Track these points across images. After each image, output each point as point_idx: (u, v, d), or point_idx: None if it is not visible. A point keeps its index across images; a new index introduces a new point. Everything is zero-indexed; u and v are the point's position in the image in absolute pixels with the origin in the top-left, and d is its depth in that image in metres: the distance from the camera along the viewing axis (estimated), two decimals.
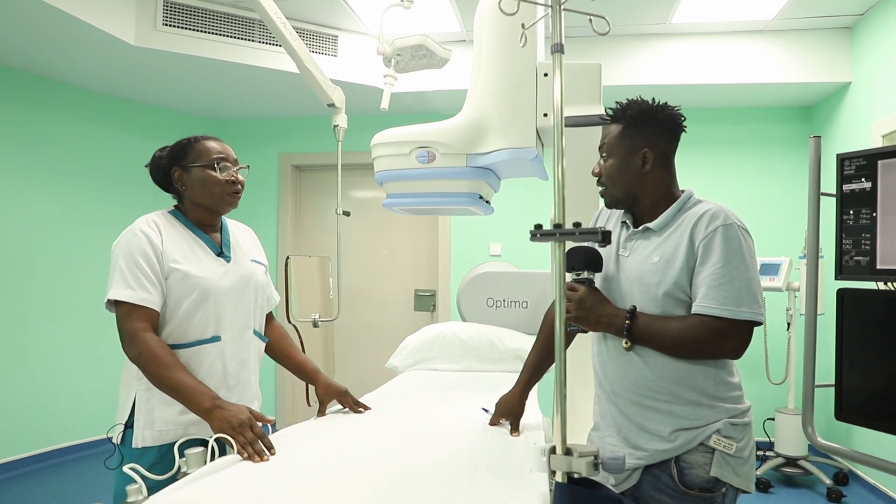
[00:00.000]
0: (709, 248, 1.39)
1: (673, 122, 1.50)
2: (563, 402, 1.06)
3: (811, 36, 3.95)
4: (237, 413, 1.48)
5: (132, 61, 3.77)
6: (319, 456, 1.45)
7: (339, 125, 2.67)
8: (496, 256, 4.82)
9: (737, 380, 1.49)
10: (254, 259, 1.86)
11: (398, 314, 5.09)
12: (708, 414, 1.42)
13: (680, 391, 1.43)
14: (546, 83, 1.83)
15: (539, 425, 1.74)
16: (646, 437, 1.46)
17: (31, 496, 3.55)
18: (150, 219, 1.67)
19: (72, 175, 4.32)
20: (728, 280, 1.37)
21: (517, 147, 1.84)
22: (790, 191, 4.53)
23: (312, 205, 5.32)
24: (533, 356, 1.76)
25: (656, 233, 1.50)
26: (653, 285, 1.44)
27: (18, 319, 4.00)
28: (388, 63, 2.58)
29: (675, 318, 1.42)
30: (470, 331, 2.80)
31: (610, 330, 1.47)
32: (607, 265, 1.57)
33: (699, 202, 1.49)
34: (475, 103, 1.89)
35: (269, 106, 4.85)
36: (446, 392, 2.27)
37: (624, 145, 1.50)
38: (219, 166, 1.70)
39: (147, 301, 1.56)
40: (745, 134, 4.64)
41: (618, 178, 1.52)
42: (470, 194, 1.97)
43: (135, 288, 1.55)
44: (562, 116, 1.00)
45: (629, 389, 1.48)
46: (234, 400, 1.68)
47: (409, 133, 1.93)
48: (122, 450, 1.61)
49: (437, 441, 1.59)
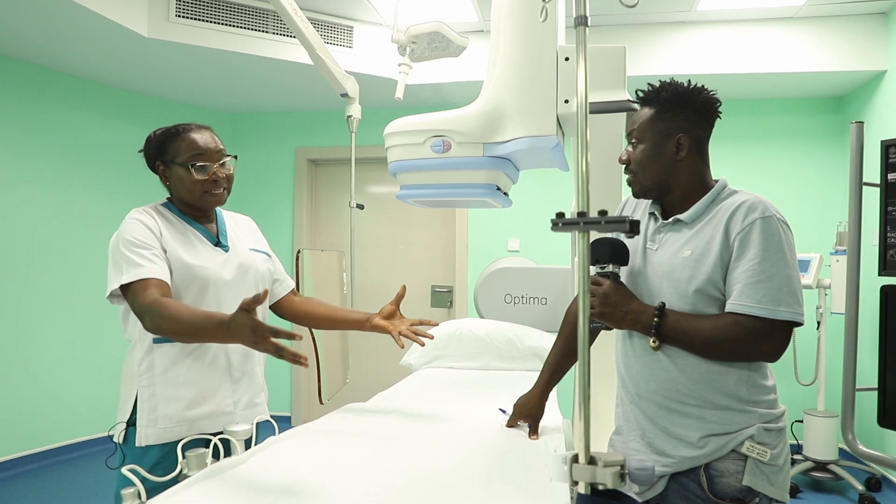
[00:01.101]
0: (746, 242, 1.30)
1: (710, 106, 1.40)
2: (587, 406, 0.97)
3: (844, 22, 3.79)
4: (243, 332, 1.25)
5: (145, 53, 3.73)
6: (326, 458, 1.38)
7: (352, 115, 2.60)
8: (514, 252, 4.73)
9: (771, 383, 1.39)
10: (253, 248, 1.79)
11: (414, 310, 4.97)
12: (740, 419, 1.33)
13: (710, 395, 1.33)
14: (567, 68, 1.73)
15: (559, 428, 1.65)
16: (672, 443, 1.36)
17: (34, 495, 3.52)
18: (144, 210, 1.62)
19: (85, 169, 4.29)
20: (766, 277, 1.27)
21: (537, 135, 1.74)
22: (820, 185, 4.38)
23: (328, 199, 5.26)
24: (553, 355, 1.67)
25: (688, 225, 1.40)
26: (683, 281, 1.35)
27: (21, 313, 3.95)
28: (402, 52, 2.50)
29: (708, 317, 1.33)
30: (487, 328, 2.71)
31: (636, 328, 1.38)
32: (634, 259, 1.47)
33: (735, 192, 1.40)
34: (492, 90, 1.80)
35: (285, 99, 4.80)
36: (462, 391, 2.19)
37: (657, 130, 1.41)
38: (194, 167, 1.60)
39: (151, 271, 1.48)
40: (772, 126, 4.49)
41: (649, 165, 1.42)
42: (487, 185, 1.88)
43: (142, 265, 1.48)
44: (586, 89, 0.91)
45: (655, 392, 1.39)
46: (240, 393, 1.63)
47: (424, 121, 1.85)
48: (123, 449, 1.55)
49: (450, 444, 1.52)
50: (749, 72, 3.91)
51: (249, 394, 1.66)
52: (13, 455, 3.88)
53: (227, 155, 1.68)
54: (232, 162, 1.69)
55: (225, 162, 1.67)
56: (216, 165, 1.64)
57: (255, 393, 1.71)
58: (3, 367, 3.86)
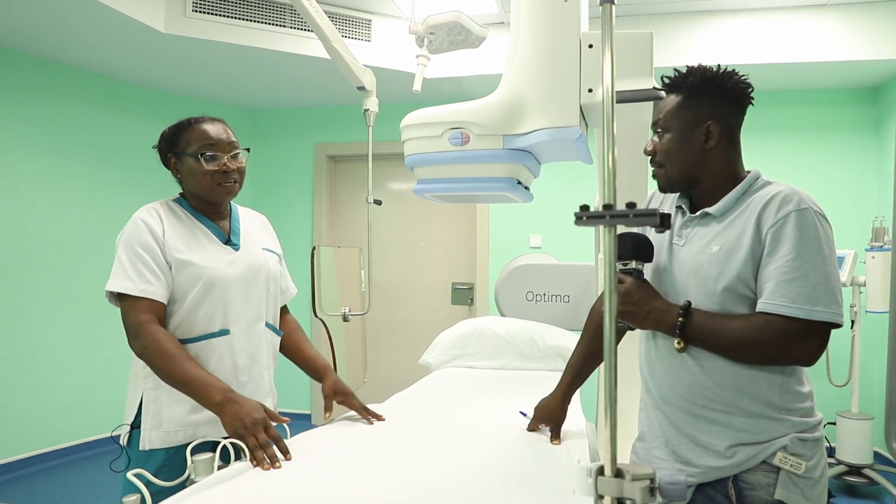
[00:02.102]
0: (779, 236, 1.21)
1: (741, 91, 1.32)
2: (614, 414, 0.90)
3: (879, 9, 3.63)
4: (251, 411, 1.36)
5: (162, 49, 3.72)
6: (338, 464, 1.33)
7: (369, 109, 2.54)
8: (536, 248, 4.65)
9: (807, 389, 1.31)
10: (265, 247, 1.74)
11: (435, 308, 4.97)
12: (773, 427, 1.24)
13: (740, 401, 1.25)
14: (591, 55, 1.65)
15: (582, 433, 1.59)
16: (698, 452, 1.29)
17: (42, 496, 3.50)
18: (152, 207, 1.58)
19: (102, 166, 4.28)
20: (802, 274, 1.18)
21: (559, 126, 1.66)
22: (853, 179, 4.23)
23: (348, 196, 5.23)
24: (577, 357, 1.60)
25: (717, 219, 1.32)
26: (711, 278, 1.27)
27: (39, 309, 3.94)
28: (420, 43, 2.44)
29: (737, 317, 1.24)
30: (508, 326, 2.65)
31: (660, 328, 1.30)
32: (659, 254, 1.40)
33: (768, 183, 1.31)
34: (512, 79, 1.73)
35: (304, 95, 4.77)
36: (481, 392, 2.13)
37: (685, 118, 1.33)
38: (204, 157, 1.57)
39: (148, 292, 1.46)
40: (803, 118, 4.34)
41: (677, 156, 1.34)
42: (507, 179, 1.81)
43: (134, 279, 1.46)
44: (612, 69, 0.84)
45: (680, 396, 1.31)
46: None
47: (441, 113, 1.78)
48: (128, 452, 1.51)
49: (468, 449, 1.46)
50: (778, 62, 3.77)
51: (257, 398, 1.60)
52: (21, 455, 3.85)
53: (240, 148, 1.64)
54: (245, 155, 1.65)
55: (237, 154, 1.63)
56: (227, 157, 1.60)
57: (262, 398, 1.65)
58: (7, 365, 3.82)
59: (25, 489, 3.60)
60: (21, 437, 3.86)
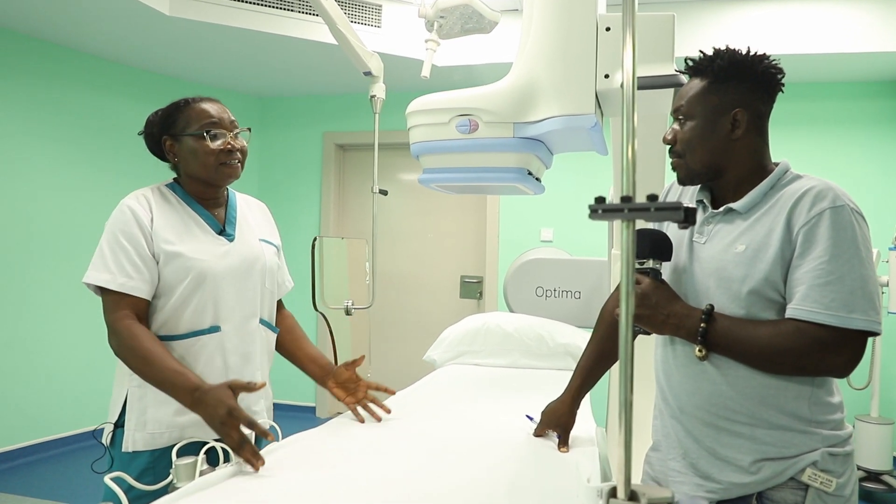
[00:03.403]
0: (812, 235, 1.11)
1: (771, 77, 1.22)
2: (629, 431, 0.81)
3: None
4: (216, 407, 1.25)
5: (167, 33, 3.63)
6: (332, 470, 1.25)
7: (376, 95, 2.45)
8: (547, 242, 4.55)
9: (837, 399, 1.21)
10: (263, 238, 1.65)
11: (443, 301, 4.89)
12: (801, 441, 1.15)
13: (766, 413, 1.16)
14: (608, 39, 1.55)
15: (592, 439, 1.50)
16: (719, 466, 1.19)
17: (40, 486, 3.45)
18: (141, 194, 1.49)
19: (106, 152, 4.21)
20: (837, 277, 1.08)
21: (573, 114, 1.56)
22: (878, 174, 4.09)
23: (357, 185, 5.14)
24: (586, 358, 1.51)
25: (742, 215, 1.22)
26: (736, 280, 1.17)
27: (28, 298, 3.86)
28: (430, 27, 2.34)
29: (765, 323, 1.14)
30: (516, 323, 2.56)
31: (680, 333, 1.20)
32: (678, 253, 1.30)
33: (799, 177, 1.21)
34: (524, 64, 1.63)
35: (312, 82, 4.68)
36: (487, 392, 2.04)
37: (709, 104, 1.23)
38: (209, 134, 1.48)
39: (127, 287, 1.38)
40: (825, 111, 4.19)
41: (699, 145, 1.24)
42: (517, 169, 1.71)
43: (114, 271, 1.38)
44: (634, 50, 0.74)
45: (700, 407, 1.22)
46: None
47: (449, 99, 1.69)
48: (111, 452, 1.44)
49: (468, 454, 1.38)
50: (800, 52, 3.63)
51: (247, 400, 1.52)
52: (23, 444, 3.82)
53: (240, 128, 1.56)
54: (245, 136, 1.57)
55: (238, 134, 1.55)
56: (230, 135, 1.52)
57: (254, 400, 1.56)
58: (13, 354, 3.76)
59: (26, 478, 3.57)
60: (23, 425, 3.82)
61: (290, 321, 1.77)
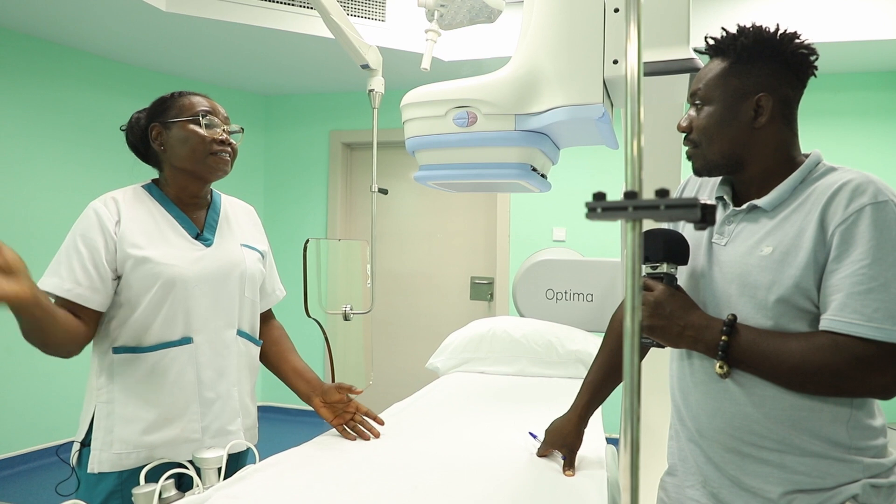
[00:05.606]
0: (851, 235, 0.97)
1: (802, 58, 1.08)
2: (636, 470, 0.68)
3: None
4: None
5: (165, 29, 3.54)
6: (315, 493, 1.13)
7: (374, 89, 2.34)
8: (560, 242, 4.41)
9: (879, 422, 1.06)
10: (246, 244, 1.53)
11: (453, 303, 4.76)
12: (838, 471, 1.01)
13: (796, 438, 1.01)
14: (617, 21, 1.42)
15: (601, 461, 1.36)
16: (745, 498, 1.05)
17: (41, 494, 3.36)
18: (111, 196, 1.39)
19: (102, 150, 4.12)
20: (880, 284, 0.94)
21: (579, 104, 1.43)
22: (889, 169, 3.90)
23: (363, 184, 5.04)
24: (594, 373, 1.37)
25: (768, 213, 1.08)
26: (762, 287, 1.03)
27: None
28: (430, 17, 2.22)
29: (796, 336, 1.00)
30: (524, 328, 2.43)
31: (698, 347, 1.06)
32: (695, 256, 1.16)
33: (833, 170, 1.06)
34: (526, 51, 1.51)
35: (318, 80, 4.58)
36: (490, 403, 1.92)
37: (730, 88, 1.09)
38: (204, 120, 1.39)
39: (73, 294, 1.28)
40: (834, 103, 4.01)
41: (718, 133, 1.10)
42: (520, 165, 1.58)
43: (63, 276, 1.28)
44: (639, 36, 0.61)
45: (721, 430, 1.08)
46: (210, 418, 1.37)
47: (445, 90, 1.56)
48: (78, 473, 1.33)
49: (464, 476, 1.25)
50: (820, 41, 3.45)
51: (222, 420, 1.40)
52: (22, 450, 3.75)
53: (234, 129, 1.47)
54: (237, 137, 1.46)
55: (232, 133, 1.46)
56: (225, 128, 1.44)
57: (230, 419, 1.44)
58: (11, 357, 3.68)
59: (26, 485, 3.50)
60: (22, 431, 3.75)
61: (278, 332, 1.65)
